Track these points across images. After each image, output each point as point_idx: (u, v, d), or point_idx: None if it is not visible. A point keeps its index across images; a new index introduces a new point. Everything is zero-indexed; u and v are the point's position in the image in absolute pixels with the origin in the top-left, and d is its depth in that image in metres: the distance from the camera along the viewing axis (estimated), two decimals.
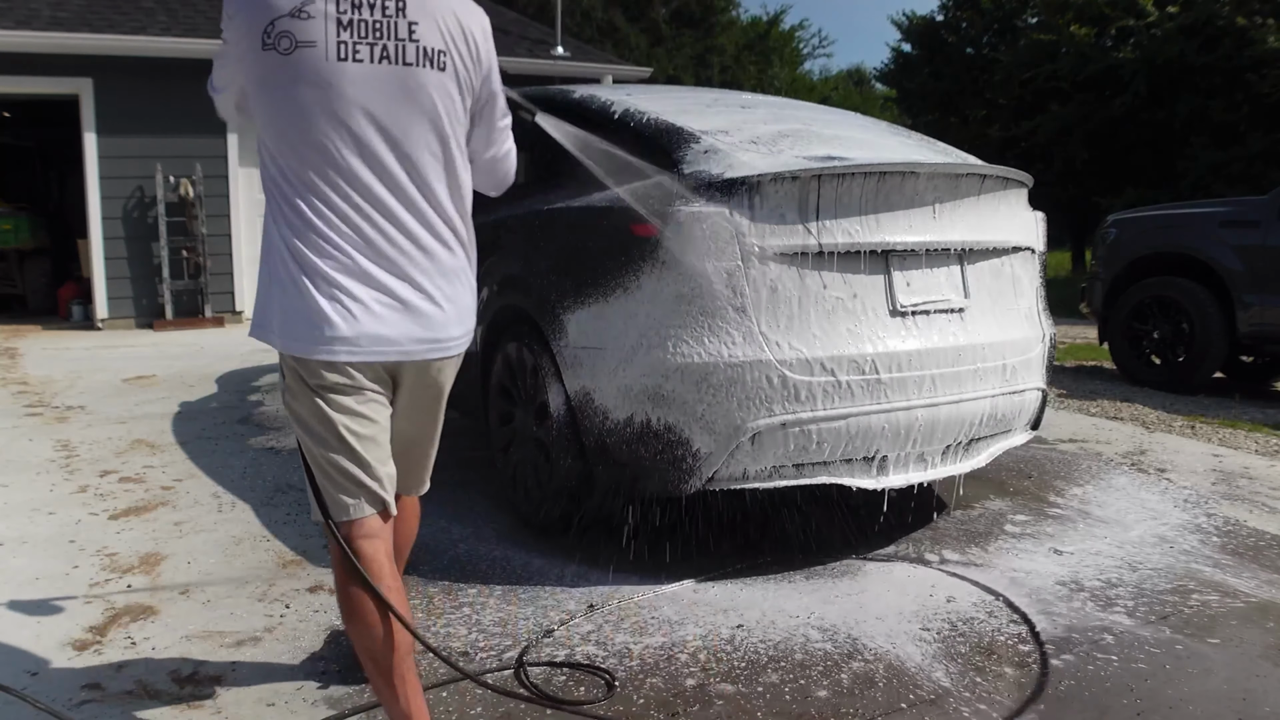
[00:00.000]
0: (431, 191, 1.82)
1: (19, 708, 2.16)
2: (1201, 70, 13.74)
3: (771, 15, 26.27)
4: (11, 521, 3.47)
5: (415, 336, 1.83)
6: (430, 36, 1.78)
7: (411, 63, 1.76)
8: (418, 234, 1.81)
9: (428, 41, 1.77)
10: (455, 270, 1.89)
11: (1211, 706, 2.23)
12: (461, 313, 1.93)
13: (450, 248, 1.88)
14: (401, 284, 1.80)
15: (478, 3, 1.94)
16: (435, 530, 3.38)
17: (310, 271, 1.74)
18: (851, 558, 3.12)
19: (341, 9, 1.70)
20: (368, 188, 1.76)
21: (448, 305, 1.87)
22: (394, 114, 1.76)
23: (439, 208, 1.84)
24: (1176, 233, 6.41)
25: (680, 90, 4.13)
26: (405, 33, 1.75)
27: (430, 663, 2.40)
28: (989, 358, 3.14)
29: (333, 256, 1.75)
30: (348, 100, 1.72)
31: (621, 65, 12.38)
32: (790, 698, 2.25)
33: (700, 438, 2.78)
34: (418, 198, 1.81)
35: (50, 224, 11.21)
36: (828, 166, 2.80)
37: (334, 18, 1.70)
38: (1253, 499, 3.88)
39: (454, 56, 1.82)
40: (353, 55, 1.72)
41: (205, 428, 4.95)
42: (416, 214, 1.81)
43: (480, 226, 3.76)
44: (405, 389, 1.94)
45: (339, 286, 1.75)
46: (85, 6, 9.21)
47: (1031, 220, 3.47)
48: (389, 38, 1.74)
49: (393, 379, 1.91)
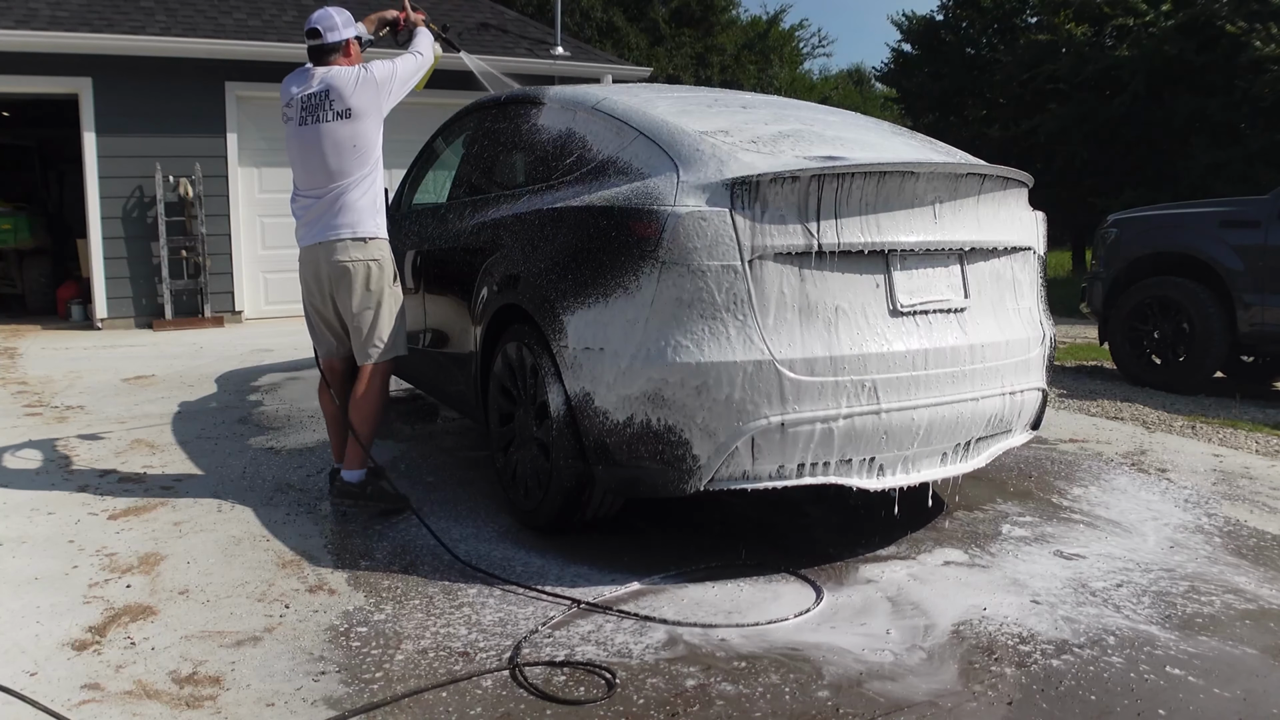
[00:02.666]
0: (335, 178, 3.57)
1: (19, 708, 2.16)
2: (1201, 70, 13.75)
3: (771, 15, 26.25)
4: (11, 521, 3.46)
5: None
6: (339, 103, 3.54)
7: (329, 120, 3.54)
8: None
9: (341, 106, 3.53)
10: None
11: (1212, 707, 2.23)
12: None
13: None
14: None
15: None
16: (435, 530, 3.38)
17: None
18: (851, 558, 3.12)
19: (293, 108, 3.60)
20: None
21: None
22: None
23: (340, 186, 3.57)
24: (1177, 232, 6.41)
25: (680, 90, 4.12)
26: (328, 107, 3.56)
27: (430, 663, 2.40)
28: (989, 358, 3.14)
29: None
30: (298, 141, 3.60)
31: (621, 65, 12.37)
32: (790, 697, 2.25)
33: (700, 438, 2.78)
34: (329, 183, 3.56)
35: (50, 224, 11.21)
36: (828, 167, 2.80)
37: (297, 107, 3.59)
38: (1253, 499, 3.88)
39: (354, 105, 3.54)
40: (299, 121, 3.57)
41: (205, 427, 4.95)
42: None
43: (480, 226, 3.78)
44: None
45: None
46: (85, 6, 9.20)
47: (1032, 220, 3.47)
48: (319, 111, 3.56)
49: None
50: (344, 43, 3.65)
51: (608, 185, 3.06)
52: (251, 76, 9.30)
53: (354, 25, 3.74)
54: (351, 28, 3.71)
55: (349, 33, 3.68)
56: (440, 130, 4.85)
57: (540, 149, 3.63)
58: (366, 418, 3.58)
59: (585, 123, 3.43)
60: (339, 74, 3.56)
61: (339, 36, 3.63)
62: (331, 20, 3.62)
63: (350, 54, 3.69)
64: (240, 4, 10.05)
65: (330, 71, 3.57)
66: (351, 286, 3.51)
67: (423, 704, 2.20)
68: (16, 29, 8.49)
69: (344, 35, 3.65)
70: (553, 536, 3.27)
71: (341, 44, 3.64)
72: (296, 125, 3.58)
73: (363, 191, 3.54)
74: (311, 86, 3.57)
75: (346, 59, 3.66)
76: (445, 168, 4.58)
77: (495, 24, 11.45)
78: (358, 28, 3.76)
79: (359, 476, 3.58)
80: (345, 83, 3.54)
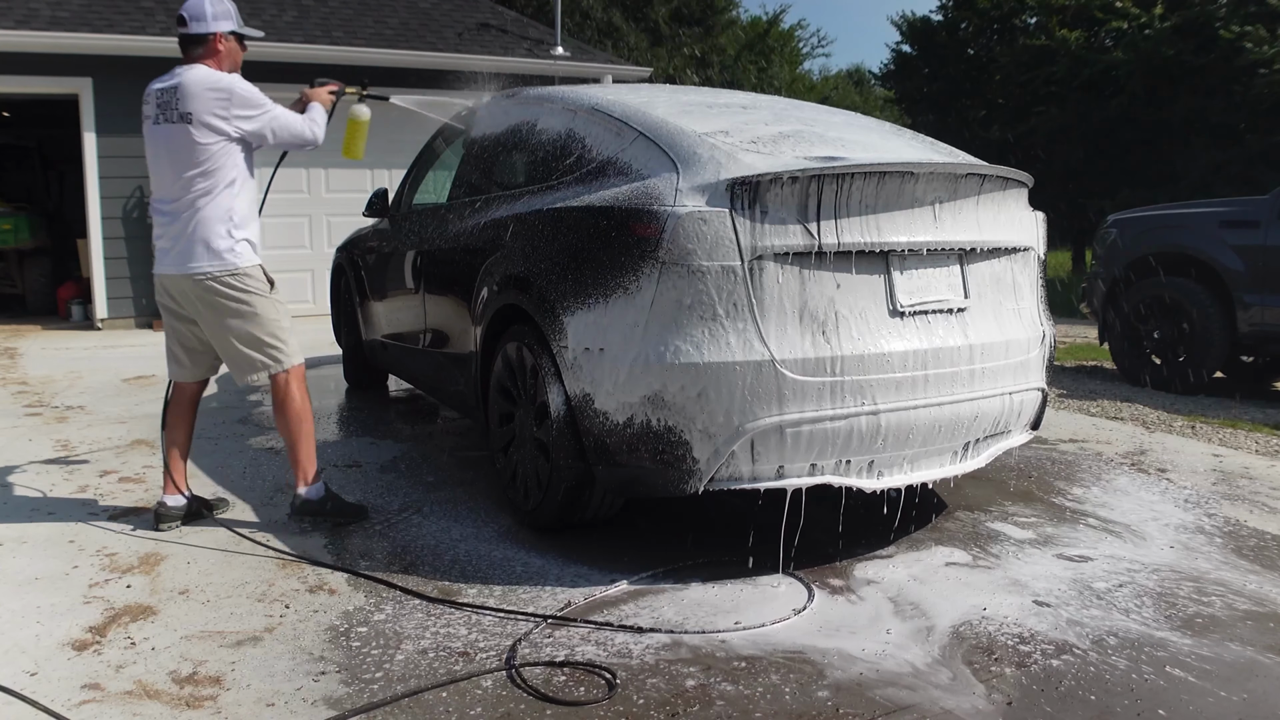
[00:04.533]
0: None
1: (19, 708, 2.16)
2: (1200, 71, 13.76)
3: (771, 15, 26.26)
4: (11, 521, 3.46)
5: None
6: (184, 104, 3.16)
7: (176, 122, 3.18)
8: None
9: (184, 108, 3.15)
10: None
11: (1213, 707, 2.23)
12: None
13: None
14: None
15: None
16: (435, 530, 3.39)
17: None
18: (851, 558, 3.12)
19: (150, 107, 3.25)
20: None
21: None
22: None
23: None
24: (1177, 233, 6.41)
25: (681, 90, 4.12)
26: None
27: (430, 663, 2.40)
28: (989, 358, 3.14)
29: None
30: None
31: (621, 65, 12.37)
32: (790, 697, 2.25)
33: (700, 438, 2.78)
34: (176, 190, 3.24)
35: (50, 224, 11.20)
36: (828, 167, 2.80)
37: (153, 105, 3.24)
38: (1253, 499, 3.88)
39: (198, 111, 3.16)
40: (154, 119, 3.23)
41: (205, 428, 4.95)
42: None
43: (480, 226, 3.78)
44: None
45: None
46: (85, 6, 9.20)
47: (1032, 220, 3.47)
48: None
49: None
50: (209, 36, 3.22)
51: (608, 185, 3.06)
52: (251, 76, 9.22)
53: (230, 19, 3.29)
54: (226, 21, 3.26)
55: (219, 26, 3.24)
56: (440, 130, 4.85)
57: (540, 149, 3.63)
58: (295, 429, 3.38)
59: (585, 123, 3.43)
60: (193, 73, 3.16)
61: (204, 28, 3.20)
62: (200, 9, 3.21)
63: (219, 51, 3.26)
64: (240, 4, 10.02)
65: (189, 69, 3.18)
66: (223, 313, 3.25)
67: (423, 704, 2.20)
68: (16, 29, 8.49)
69: (211, 28, 3.21)
70: (552, 536, 3.27)
71: (206, 37, 3.21)
72: (151, 124, 3.21)
73: (218, 208, 3.18)
74: (169, 82, 3.18)
75: (213, 59, 3.24)
76: (445, 168, 4.58)
77: (495, 24, 11.45)
78: (237, 23, 3.32)
79: (318, 492, 3.43)
80: (193, 83, 3.13)
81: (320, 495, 3.44)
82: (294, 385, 3.37)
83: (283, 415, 3.39)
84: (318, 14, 10.35)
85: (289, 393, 3.36)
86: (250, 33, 3.43)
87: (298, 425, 3.38)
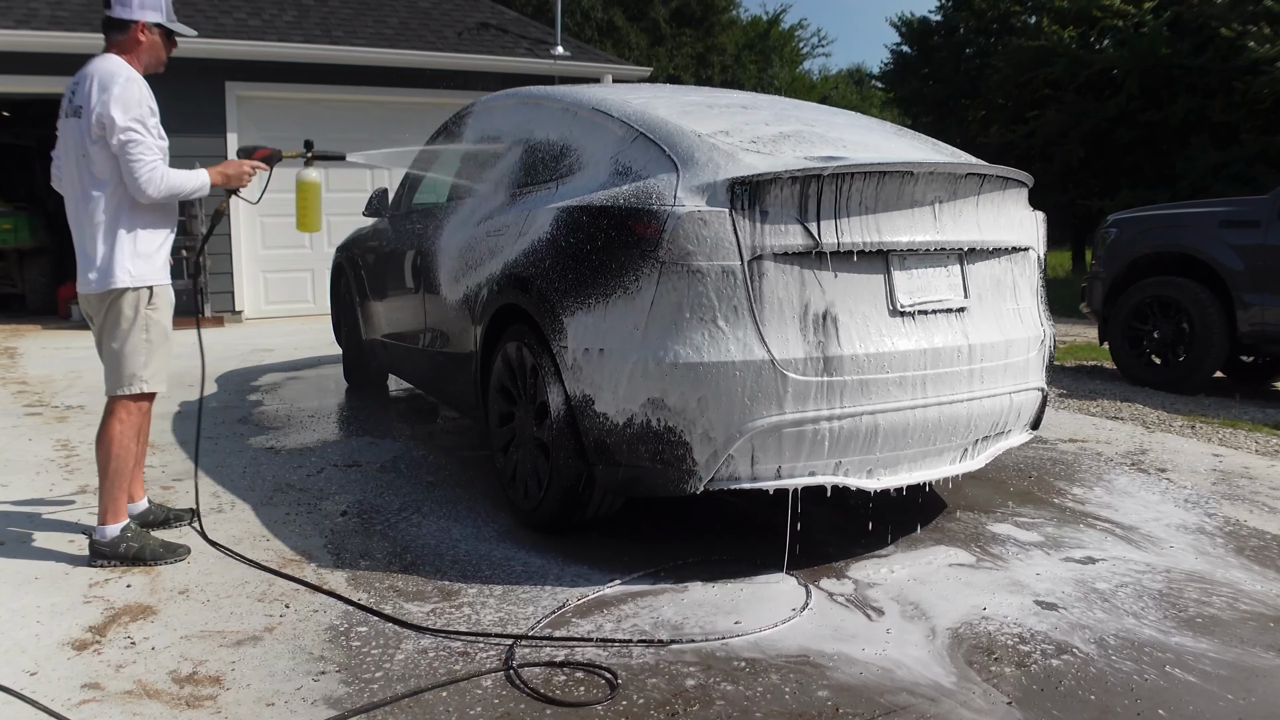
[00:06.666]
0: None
1: (19, 708, 2.16)
2: (1198, 71, 13.76)
3: (771, 15, 26.28)
4: (11, 521, 3.46)
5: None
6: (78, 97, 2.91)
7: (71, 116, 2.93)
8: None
9: (78, 102, 2.89)
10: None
11: (1213, 707, 2.23)
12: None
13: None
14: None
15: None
16: (435, 530, 3.39)
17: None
18: (851, 558, 3.12)
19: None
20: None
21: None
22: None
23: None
24: (1177, 232, 6.41)
25: (681, 90, 4.12)
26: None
27: (430, 663, 2.40)
28: (989, 358, 3.14)
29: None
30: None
31: (621, 65, 12.37)
32: (790, 697, 2.25)
33: (700, 438, 2.78)
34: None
35: (50, 223, 11.20)
36: (827, 167, 2.80)
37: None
38: (1253, 499, 3.88)
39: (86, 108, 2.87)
40: (63, 113, 2.95)
41: (205, 427, 4.94)
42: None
43: (480, 225, 3.78)
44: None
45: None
46: (85, 6, 9.19)
47: (1032, 220, 3.47)
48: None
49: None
50: (130, 24, 2.92)
51: (608, 185, 3.06)
52: (252, 76, 9.29)
53: (158, 10, 2.97)
54: (152, 11, 2.94)
55: (142, 15, 2.92)
56: (440, 130, 4.85)
57: (541, 149, 3.63)
58: (105, 461, 3.01)
59: (585, 123, 3.43)
60: (102, 64, 2.87)
61: (126, 14, 2.90)
62: None
63: (139, 43, 2.95)
64: (240, 4, 10.05)
65: (99, 60, 2.90)
66: (105, 315, 3.08)
67: (423, 704, 2.20)
68: (16, 29, 8.50)
69: (134, 15, 2.91)
70: (552, 536, 3.27)
71: (127, 24, 2.92)
72: (62, 118, 2.94)
73: (105, 217, 2.89)
74: (80, 72, 2.92)
75: (131, 52, 2.94)
76: (445, 168, 4.58)
77: (495, 24, 11.45)
78: (165, 16, 2.99)
79: (113, 532, 3.01)
80: (97, 74, 2.83)
81: (114, 536, 3.02)
82: (115, 415, 3.07)
83: (98, 441, 3.08)
84: (318, 14, 10.35)
85: (106, 420, 3.09)
86: (180, 30, 3.08)
87: (105, 456, 3.04)
